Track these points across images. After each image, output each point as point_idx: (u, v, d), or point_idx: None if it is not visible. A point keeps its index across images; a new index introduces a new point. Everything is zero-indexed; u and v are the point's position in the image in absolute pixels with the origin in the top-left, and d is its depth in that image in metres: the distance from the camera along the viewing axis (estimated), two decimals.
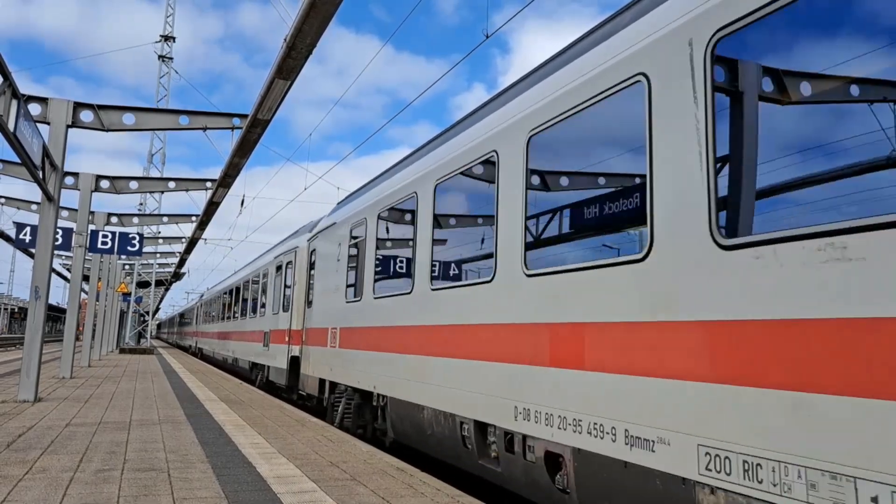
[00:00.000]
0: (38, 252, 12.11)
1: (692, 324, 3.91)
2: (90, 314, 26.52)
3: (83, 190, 17.53)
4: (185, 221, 25.56)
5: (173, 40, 35.78)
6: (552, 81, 5.80)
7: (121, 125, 13.34)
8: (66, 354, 17.49)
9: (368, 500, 5.30)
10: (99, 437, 8.01)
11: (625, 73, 4.75)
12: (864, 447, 2.90)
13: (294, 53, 8.94)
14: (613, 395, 4.49)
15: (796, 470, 3.17)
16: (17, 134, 9.08)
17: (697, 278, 3.91)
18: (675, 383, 3.96)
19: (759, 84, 3.84)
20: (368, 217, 10.11)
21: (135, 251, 17.41)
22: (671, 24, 4.34)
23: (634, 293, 4.41)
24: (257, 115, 11.63)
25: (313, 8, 7.71)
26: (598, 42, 5.31)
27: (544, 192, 5.90)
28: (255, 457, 6.99)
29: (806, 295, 3.24)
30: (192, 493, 5.30)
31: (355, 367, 10.04)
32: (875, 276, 2.95)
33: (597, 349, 4.73)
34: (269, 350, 17.04)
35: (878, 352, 2.90)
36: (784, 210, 3.57)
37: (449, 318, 7.10)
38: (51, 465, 6.27)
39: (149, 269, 44.52)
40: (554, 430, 5.09)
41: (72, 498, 5.06)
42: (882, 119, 3.13)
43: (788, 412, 3.24)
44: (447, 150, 7.79)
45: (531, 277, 5.65)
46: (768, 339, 3.39)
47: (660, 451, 4.01)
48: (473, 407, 6.41)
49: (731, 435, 3.54)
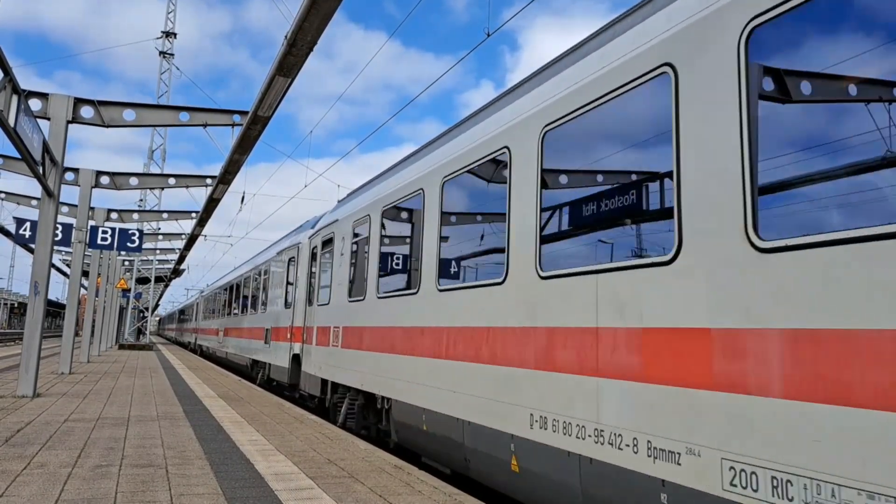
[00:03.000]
0: (37, 247, 12.12)
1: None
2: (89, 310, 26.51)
3: (83, 186, 17.53)
4: (185, 218, 25.57)
5: (174, 36, 35.79)
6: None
7: (121, 121, 13.33)
8: (66, 350, 17.51)
9: (366, 497, 5.31)
10: (97, 432, 8.02)
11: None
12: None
13: (295, 51, 8.93)
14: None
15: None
16: (17, 129, 9.08)
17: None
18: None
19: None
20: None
21: (134, 247, 17.40)
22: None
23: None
24: (257, 112, 11.63)
25: (314, 5, 7.70)
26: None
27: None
28: (253, 454, 7.00)
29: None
30: (190, 490, 5.31)
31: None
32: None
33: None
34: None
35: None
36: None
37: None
38: (49, 460, 6.28)
39: (148, 266, 44.55)
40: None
41: (70, 493, 5.07)
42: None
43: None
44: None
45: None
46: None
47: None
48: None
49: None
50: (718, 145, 3.86)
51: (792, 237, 3.36)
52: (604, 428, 4.53)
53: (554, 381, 5.19)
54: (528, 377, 5.51)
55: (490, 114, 7.06)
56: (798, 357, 3.25)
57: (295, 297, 14.87)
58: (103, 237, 17.05)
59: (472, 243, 7.18)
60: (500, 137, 6.49)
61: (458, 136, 7.77)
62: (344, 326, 10.71)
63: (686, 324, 3.98)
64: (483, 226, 6.94)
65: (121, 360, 25.53)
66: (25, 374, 11.52)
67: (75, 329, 18.33)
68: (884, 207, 3.03)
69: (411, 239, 8.59)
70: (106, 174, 18.38)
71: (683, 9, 4.31)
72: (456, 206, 7.59)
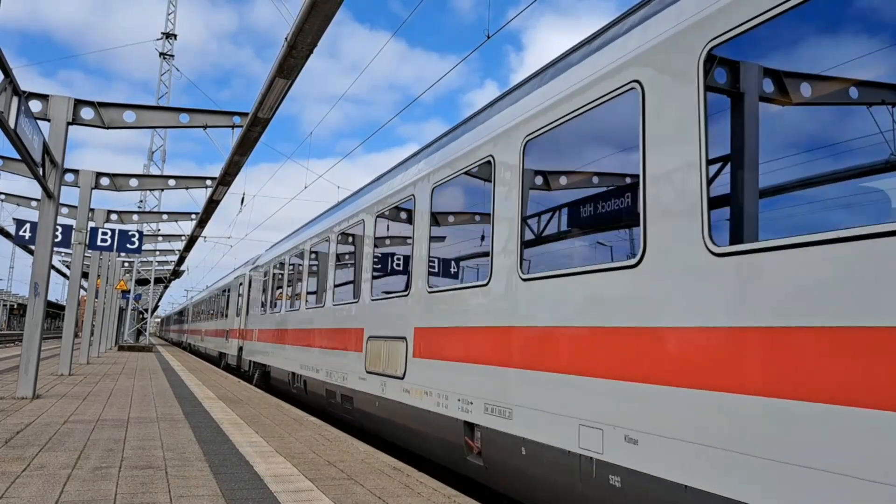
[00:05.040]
0: (37, 249, 12.12)
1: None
2: (89, 311, 26.50)
3: (83, 187, 17.54)
4: (185, 219, 25.58)
5: (174, 38, 35.81)
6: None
7: (121, 123, 13.34)
8: (65, 351, 17.50)
9: (365, 499, 5.31)
10: (97, 434, 8.02)
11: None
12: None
13: (295, 53, 8.94)
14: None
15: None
16: (17, 130, 9.08)
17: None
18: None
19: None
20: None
21: (134, 248, 17.39)
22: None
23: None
24: (258, 113, 11.63)
25: (314, 7, 7.71)
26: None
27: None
28: (253, 455, 7.00)
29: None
30: (189, 491, 5.31)
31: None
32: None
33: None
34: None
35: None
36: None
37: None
38: (48, 461, 6.28)
39: (148, 267, 44.54)
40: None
41: (69, 495, 5.07)
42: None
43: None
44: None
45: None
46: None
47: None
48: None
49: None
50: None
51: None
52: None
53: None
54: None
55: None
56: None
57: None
58: (103, 238, 17.05)
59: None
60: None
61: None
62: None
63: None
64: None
65: (120, 361, 25.51)
66: (25, 376, 11.51)
67: (75, 330, 18.31)
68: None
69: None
70: (106, 175, 18.39)
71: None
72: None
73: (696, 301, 3.89)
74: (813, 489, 3.05)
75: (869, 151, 3.18)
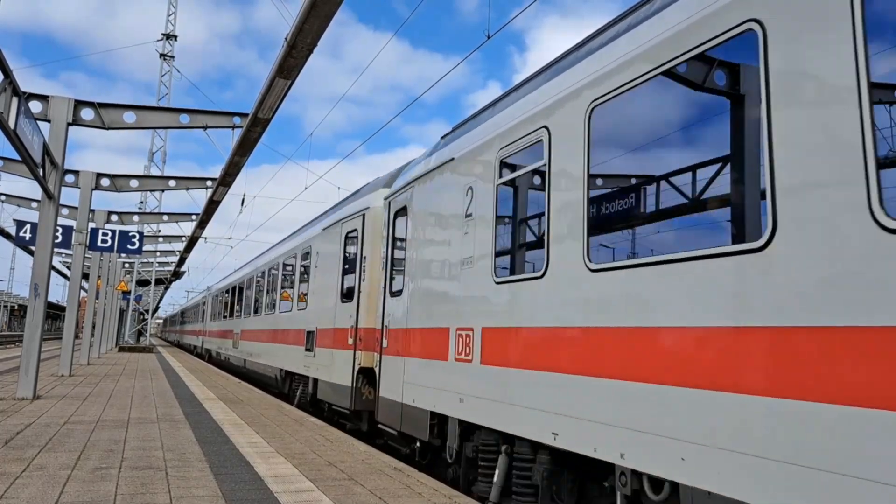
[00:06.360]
0: (37, 250, 12.12)
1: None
2: (90, 312, 26.49)
3: (83, 188, 17.54)
4: (186, 220, 25.59)
5: (175, 39, 35.84)
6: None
7: (121, 123, 13.34)
8: (66, 352, 17.50)
9: (366, 499, 5.30)
10: (97, 434, 8.01)
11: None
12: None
13: (295, 53, 8.94)
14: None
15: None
16: (17, 131, 9.08)
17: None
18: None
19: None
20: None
21: (134, 249, 17.40)
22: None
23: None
24: (258, 114, 11.64)
25: (314, 7, 7.71)
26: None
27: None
28: (253, 456, 6.99)
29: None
30: (189, 492, 5.30)
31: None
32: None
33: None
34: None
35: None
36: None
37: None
38: (48, 462, 6.27)
39: (149, 268, 44.57)
40: None
41: (69, 495, 5.06)
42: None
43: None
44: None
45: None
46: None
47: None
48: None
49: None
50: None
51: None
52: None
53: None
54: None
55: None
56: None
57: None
58: (103, 239, 17.06)
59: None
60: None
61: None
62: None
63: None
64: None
65: (121, 362, 25.52)
66: (25, 377, 11.51)
67: (75, 331, 18.31)
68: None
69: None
70: (106, 176, 18.39)
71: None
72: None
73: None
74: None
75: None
